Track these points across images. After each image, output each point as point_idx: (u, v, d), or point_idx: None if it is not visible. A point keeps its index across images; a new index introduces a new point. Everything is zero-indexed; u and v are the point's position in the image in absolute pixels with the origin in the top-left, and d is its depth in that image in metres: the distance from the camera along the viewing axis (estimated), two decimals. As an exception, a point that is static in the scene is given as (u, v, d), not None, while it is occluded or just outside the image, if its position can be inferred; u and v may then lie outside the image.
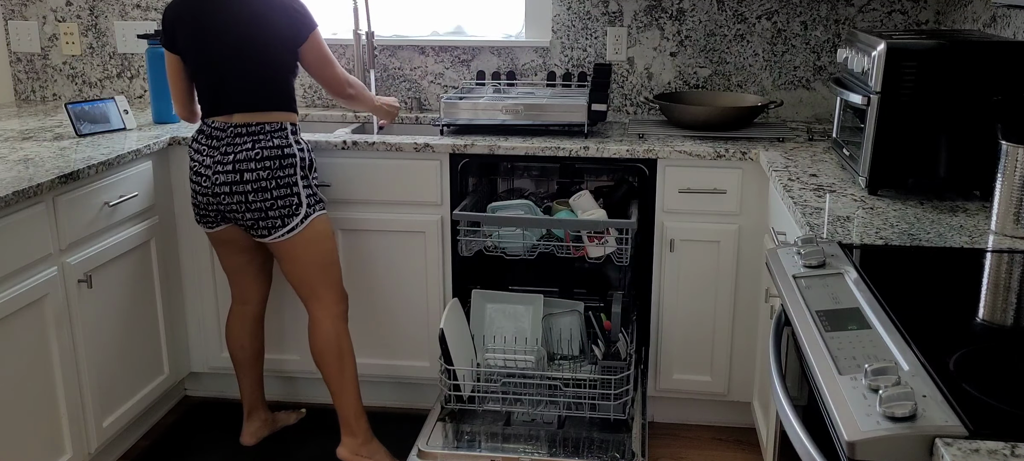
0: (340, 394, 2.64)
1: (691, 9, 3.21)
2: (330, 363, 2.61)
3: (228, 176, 2.42)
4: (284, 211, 2.46)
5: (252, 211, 2.45)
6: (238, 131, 2.43)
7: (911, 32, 2.34)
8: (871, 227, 1.92)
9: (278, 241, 2.50)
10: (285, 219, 2.47)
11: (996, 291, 1.60)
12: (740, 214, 2.73)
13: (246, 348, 2.77)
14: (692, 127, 2.92)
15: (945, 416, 1.09)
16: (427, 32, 3.45)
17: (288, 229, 2.48)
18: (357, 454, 2.67)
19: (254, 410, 2.85)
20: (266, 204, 2.44)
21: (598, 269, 3.24)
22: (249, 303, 2.75)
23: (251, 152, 2.42)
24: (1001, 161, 1.86)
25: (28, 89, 3.63)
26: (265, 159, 2.42)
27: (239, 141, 2.43)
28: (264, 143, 2.43)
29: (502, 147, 2.76)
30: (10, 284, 2.20)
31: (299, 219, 2.49)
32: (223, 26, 2.41)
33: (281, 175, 2.44)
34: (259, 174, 2.42)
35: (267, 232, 2.48)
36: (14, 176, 2.31)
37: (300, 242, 2.51)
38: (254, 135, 2.43)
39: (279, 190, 2.44)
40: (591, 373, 2.73)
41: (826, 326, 1.40)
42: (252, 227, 2.49)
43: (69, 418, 2.43)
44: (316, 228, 2.53)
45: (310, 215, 2.51)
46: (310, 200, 2.51)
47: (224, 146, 2.43)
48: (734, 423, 3.00)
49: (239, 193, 2.43)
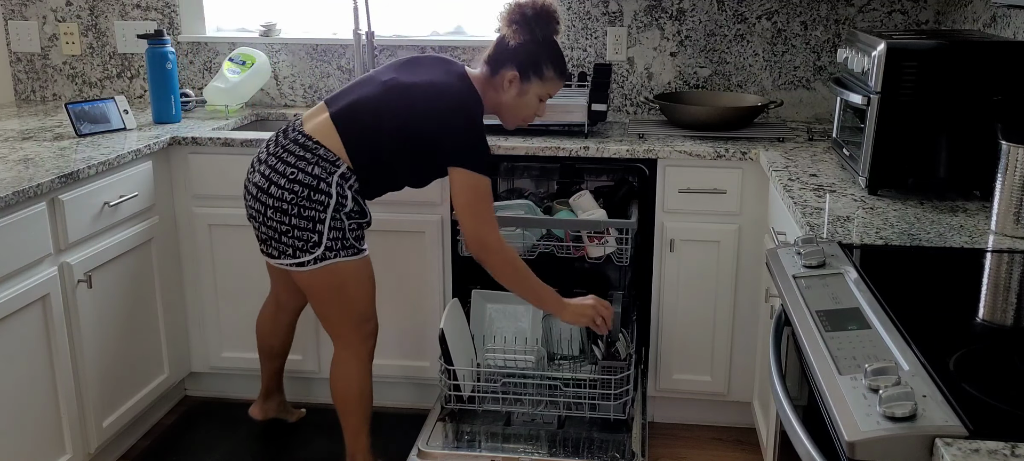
0: (353, 434, 2.53)
1: (691, 9, 3.21)
2: (349, 407, 2.49)
3: (261, 179, 2.29)
4: (298, 243, 2.27)
5: (266, 226, 2.29)
6: (297, 140, 2.28)
7: (911, 32, 2.34)
8: (871, 227, 1.92)
9: (286, 268, 2.33)
10: (297, 252, 2.28)
11: (996, 291, 1.60)
12: (740, 214, 2.73)
13: (273, 346, 2.75)
14: (692, 127, 2.92)
15: (945, 416, 1.09)
16: (427, 32, 3.45)
17: (296, 262, 2.29)
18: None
19: (271, 393, 2.85)
20: (282, 227, 2.27)
21: (598, 269, 3.24)
22: (283, 310, 2.70)
23: (289, 169, 2.25)
24: (1001, 161, 1.86)
25: (28, 89, 3.63)
26: (297, 182, 2.24)
27: (291, 150, 2.27)
28: (306, 167, 2.24)
29: (502, 147, 2.76)
30: (10, 284, 2.20)
31: (312, 257, 2.27)
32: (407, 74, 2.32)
33: (306, 205, 2.24)
34: (284, 194, 2.24)
35: (277, 254, 2.31)
36: (14, 176, 2.31)
37: (315, 281, 2.32)
38: (306, 151, 2.25)
39: (300, 220, 2.25)
40: (591, 373, 2.73)
41: (826, 326, 1.40)
42: (262, 241, 2.35)
43: (69, 418, 2.43)
44: (338, 273, 2.32)
45: (328, 258, 2.28)
46: (334, 244, 2.28)
47: (278, 149, 2.29)
48: (734, 423, 3.00)
49: (260, 201, 2.28)
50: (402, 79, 2.33)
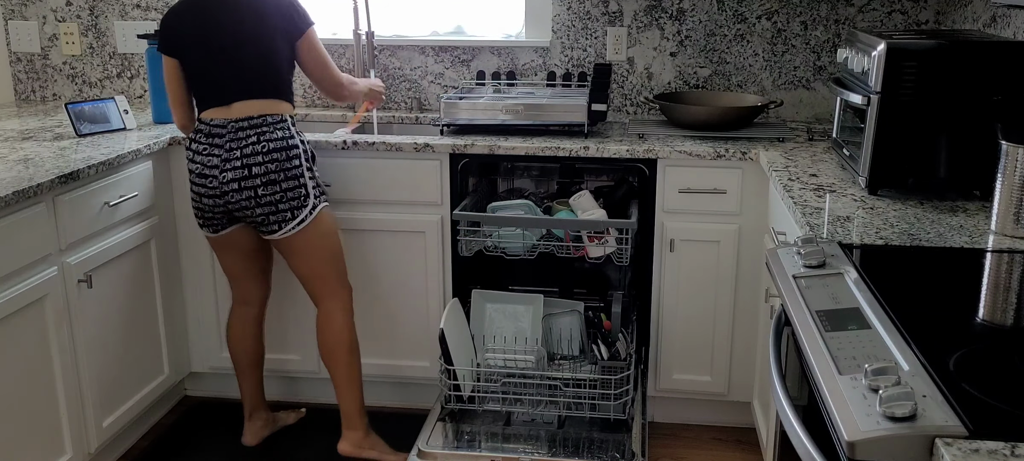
0: (347, 389, 2.66)
1: (691, 9, 3.21)
2: (341, 358, 2.63)
3: (237, 172, 2.42)
4: (293, 203, 2.47)
5: (262, 205, 2.45)
6: (240, 125, 2.44)
7: (911, 32, 2.34)
8: (871, 227, 1.92)
9: (288, 236, 2.50)
10: (295, 211, 2.48)
11: (996, 291, 1.60)
12: (740, 214, 2.73)
13: (248, 350, 2.77)
14: (692, 127, 2.92)
15: (945, 416, 1.09)
16: (427, 32, 3.45)
17: (298, 221, 2.49)
18: (359, 447, 2.69)
19: (255, 411, 2.85)
20: (276, 197, 2.45)
21: (598, 269, 3.24)
22: (251, 305, 2.75)
23: (257, 146, 2.42)
24: (1001, 161, 1.85)
25: (28, 89, 3.63)
26: (272, 151, 2.43)
27: (243, 135, 2.43)
28: (268, 136, 2.44)
29: (502, 147, 2.76)
30: (10, 284, 2.20)
31: (308, 210, 2.50)
32: (223, 22, 2.44)
33: (289, 167, 2.45)
34: (267, 167, 2.43)
35: (277, 227, 2.48)
36: (14, 176, 2.31)
37: (310, 234, 2.52)
38: (257, 128, 2.44)
39: (288, 182, 2.45)
40: (591, 373, 2.73)
41: (826, 326, 1.40)
42: (263, 224, 2.48)
43: (69, 418, 2.43)
44: (324, 219, 2.56)
45: (317, 206, 2.53)
46: (316, 191, 2.53)
47: (228, 142, 2.43)
48: (734, 423, 3.00)
49: (248, 188, 2.43)
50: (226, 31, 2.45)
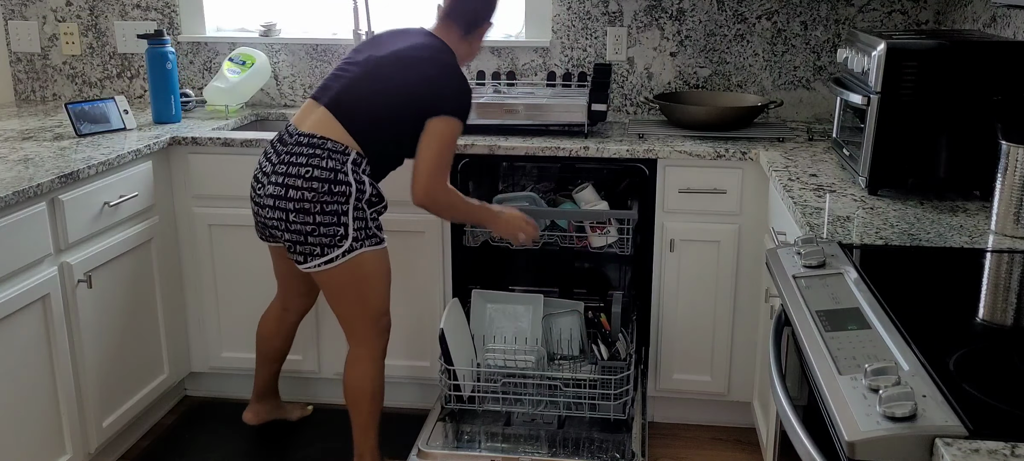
0: (363, 431, 2.54)
1: (691, 9, 3.21)
2: (361, 404, 2.50)
3: (276, 188, 2.28)
4: (325, 239, 2.28)
5: (292, 231, 2.28)
6: (301, 141, 2.29)
7: (911, 32, 2.34)
8: (871, 227, 1.92)
9: (315, 270, 2.33)
10: (325, 248, 2.28)
11: (996, 291, 1.60)
12: (740, 214, 2.73)
13: (274, 346, 2.75)
14: (692, 127, 2.92)
15: (945, 416, 1.09)
16: (427, 32, 3.44)
17: (326, 259, 2.29)
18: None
19: (265, 397, 2.85)
20: (307, 228, 2.27)
21: (598, 269, 3.24)
22: (290, 311, 2.70)
23: (303, 169, 2.26)
24: (1001, 161, 1.86)
25: (28, 89, 3.63)
26: (315, 179, 2.25)
27: (297, 150, 2.28)
28: (319, 162, 2.25)
29: (502, 147, 2.76)
30: (10, 284, 2.20)
31: (340, 252, 2.29)
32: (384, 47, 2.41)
33: (328, 200, 2.25)
34: (304, 194, 2.25)
35: (303, 259, 2.31)
36: (14, 176, 2.31)
37: (339, 275, 2.33)
38: (314, 148, 2.27)
39: (323, 216, 2.26)
40: (591, 373, 2.73)
41: (826, 326, 1.40)
42: (289, 250, 2.33)
43: (69, 418, 2.43)
44: (362, 264, 2.34)
45: (355, 249, 2.31)
46: (359, 234, 2.31)
47: (284, 154, 2.30)
48: (734, 423, 3.00)
49: (281, 209, 2.28)
50: (378, 54, 2.39)
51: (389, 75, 2.34)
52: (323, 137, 2.29)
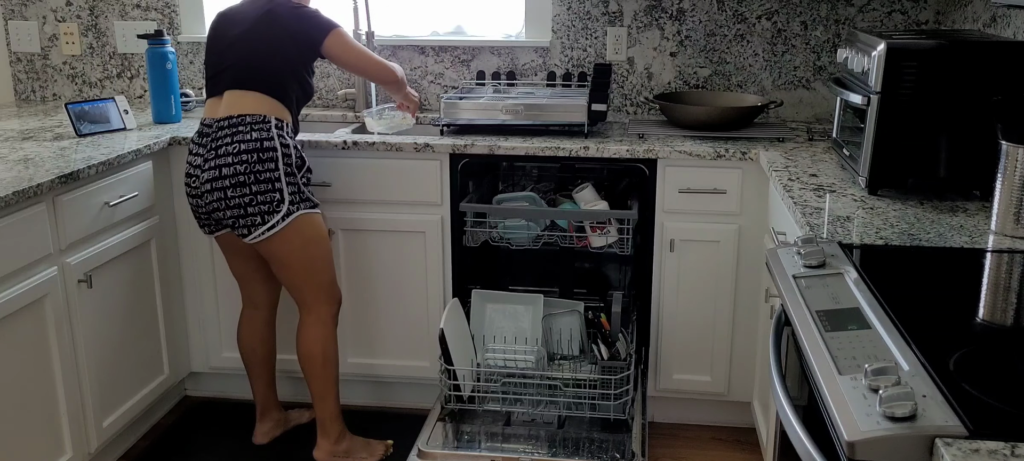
0: (321, 398, 2.64)
1: (691, 9, 3.21)
2: (314, 369, 2.62)
3: (211, 172, 2.42)
4: (264, 207, 2.41)
5: (231, 207, 2.41)
6: (221, 125, 2.44)
7: (911, 32, 2.34)
8: (871, 227, 1.92)
9: (260, 241, 2.46)
10: (265, 216, 2.42)
11: (996, 291, 1.60)
12: (740, 214, 2.73)
13: (256, 351, 2.76)
14: (692, 127, 2.92)
15: (945, 416, 1.09)
16: (427, 32, 3.45)
17: (268, 226, 2.42)
18: (333, 454, 2.69)
19: (267, 411, 2.85)
20: (245, 199, 2.40)
21: (598, 269, 3.24)
22: (259, 308, 2.74)
23: (230, 146, 2.40)
24: (1001, 161, 1.85)
25: (28, 89, 3.63)
26: (243, 153, 2.39)
27: (221, 134, 2.43)
28: (243, 136, 2.40)
29: (502, 147, 2.76)
30: (10, 284, 2.20)
31: (280, 216, 2.42)
32: (236, 21, 2.52)
33: (260, 169, 2.40)
34: (236, 168, 2.39)
35: (247, 230, 2.44)
36: (14, 176, 2.31)
37: (283, 241, 2.46)
38: (235, 127, 2.42)
39: (258, 185, 2.40)
40: (591, 373, 2.73)
41: (826, 326, 1.40)
42: (234, 226, 2.45)
43: (69, 418, 2.43)
44: (301, 227, 2.47)
45: (293, 213, 2.44)
46: (294, 197, 2.45)
47: (210, 142, 2.45)
48: (734, 423, 3.00)
49: (219, 189, 2.41)
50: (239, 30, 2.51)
51: (263, 36, 2.48)
52: (240, 115, 2.43)
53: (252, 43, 2.48)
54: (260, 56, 2.48)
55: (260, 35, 2.49)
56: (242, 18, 2.53)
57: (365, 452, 2.73)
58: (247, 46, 2.48)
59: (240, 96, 2.46)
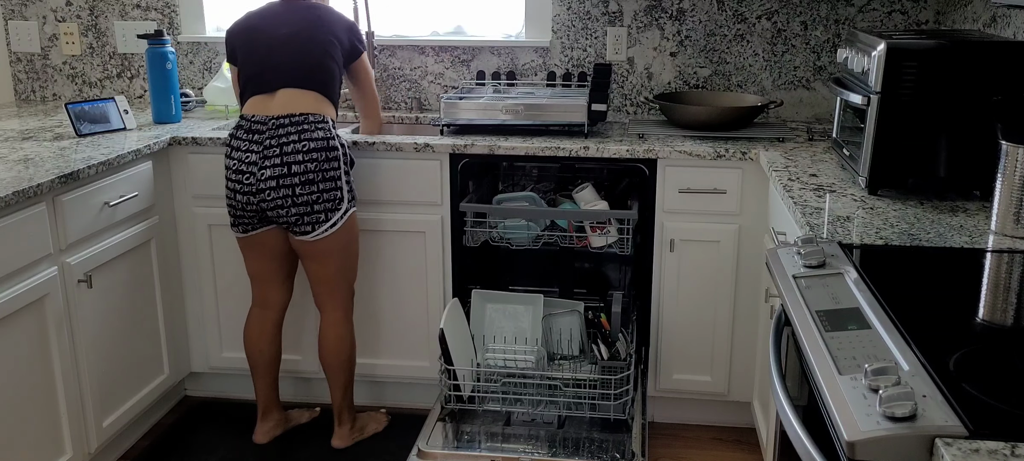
0: (343, 390, 2.74)
1: (691, 9, 3.21)
2: (340, 365, 2.71)
3: (275, 169, 2.44)
4: (328, 205, 2.49)
5: (298, 205, 2.46)
6: (280, 122, 2.46)
7: (911, 32, 2.34)
8: (871, 227, 1.92)
9: (319, 238, 2.52)
10: (329, 213, 2.50)
11: (996, 291, 1.60)
12: (740, 214, 2.73)
13: (264, 352, 2.76)
14: (692, 127, 2.92)
15: (945, 416, 1.09)
16: (427, 32, 3.45)
17: (330, 224, 2.51)
18: (351, 438, 2.81)
19: (268, 411, 2.85)
20: (312, 197, 2.47)
21: (598, 269, 3.24)
22: (271, 309, 2.74)
23: (298, 144, 2.44)
24: (1001, 161, 1.85)
25: (28, 89, 3.63)
26: (313, 151, 2.45)
27: (283, 132, 2.45)
28: (309, 134, 2.45)
29: (502, 147, 2.76)
30: (10, 284, 2.20)
31: (341, 213, 2.53)
32: (282, 20, 2.57)
33: (327, 168, 2.47)
34: (307, 167, 2.44)
35: (311, 228, 2.50)
36: (14, 176, 2.31)
37: (335, 238, 2.55)
38: (298, 125, 2.45)
39: (325, 183, 2.47)
40: (591, 373, 2.73)
41: (826, 326, 1.40)
42: (296, 224, 2.50)
43: (69, 418, 2.43)
44: (351, 225, 2.59)
45: (350, 210, 2.56)
46: (350, 195, 2.57)
47: (268, 139, 2.45)
48: (734, 423, 3.00)
49: (286, 186, 2.44)
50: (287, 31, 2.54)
51: (315, 38, 2.54)
52: (302, 114, 2.48)
53: (306, 44, 2.53)
54: (315, 57, 2.53)
55: (313, 37, 2.54)
56: (284, 18, 2.56)
57: (374, 423, 2.90)
58: (300, 46, 2.52)
59: (298, 94, 2.49)
